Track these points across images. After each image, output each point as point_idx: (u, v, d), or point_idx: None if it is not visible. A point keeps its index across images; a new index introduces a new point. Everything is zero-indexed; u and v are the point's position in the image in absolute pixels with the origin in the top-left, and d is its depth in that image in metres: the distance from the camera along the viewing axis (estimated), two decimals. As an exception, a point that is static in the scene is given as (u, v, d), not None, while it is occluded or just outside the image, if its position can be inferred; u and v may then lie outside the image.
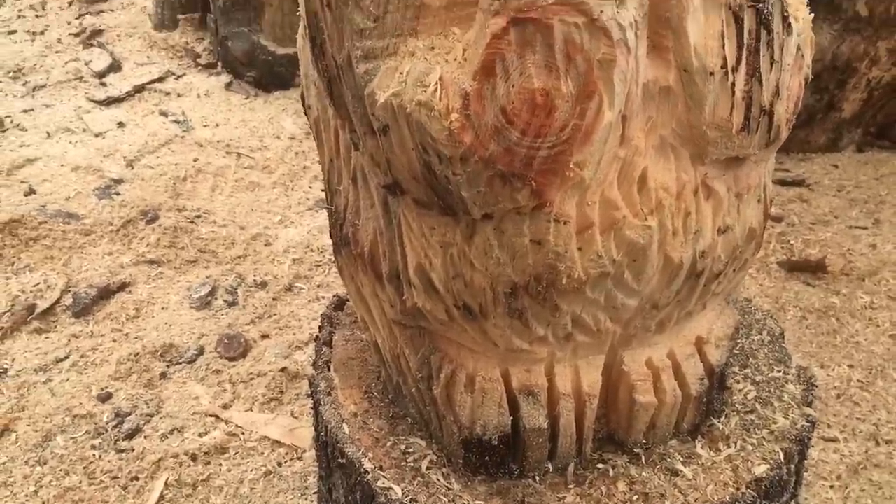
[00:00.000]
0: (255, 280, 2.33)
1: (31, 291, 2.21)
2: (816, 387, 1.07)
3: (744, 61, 0.74)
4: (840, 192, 2.89)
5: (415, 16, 0.75)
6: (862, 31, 2.91)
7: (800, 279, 2.41)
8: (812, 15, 0.85)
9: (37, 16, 4.36)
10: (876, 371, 2.06)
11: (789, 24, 0.76)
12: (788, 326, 2.20)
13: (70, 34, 4.12)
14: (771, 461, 0.97)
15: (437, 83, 0.72)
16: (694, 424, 1.01)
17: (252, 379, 1.93)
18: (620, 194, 0.79)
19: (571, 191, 0.76)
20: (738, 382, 1.09)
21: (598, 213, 0.78)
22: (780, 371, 1.11)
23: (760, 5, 0.72)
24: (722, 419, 1.04)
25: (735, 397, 1.07)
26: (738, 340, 1.14)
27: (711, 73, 0.73)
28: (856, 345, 2.14)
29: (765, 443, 1.00)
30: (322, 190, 2.64)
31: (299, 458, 1.72)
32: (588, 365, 0.95)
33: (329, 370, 1.16)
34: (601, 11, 0.67)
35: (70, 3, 4.39)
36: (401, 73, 0.74)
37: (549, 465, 0.99)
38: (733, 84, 0.74)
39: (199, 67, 3.82)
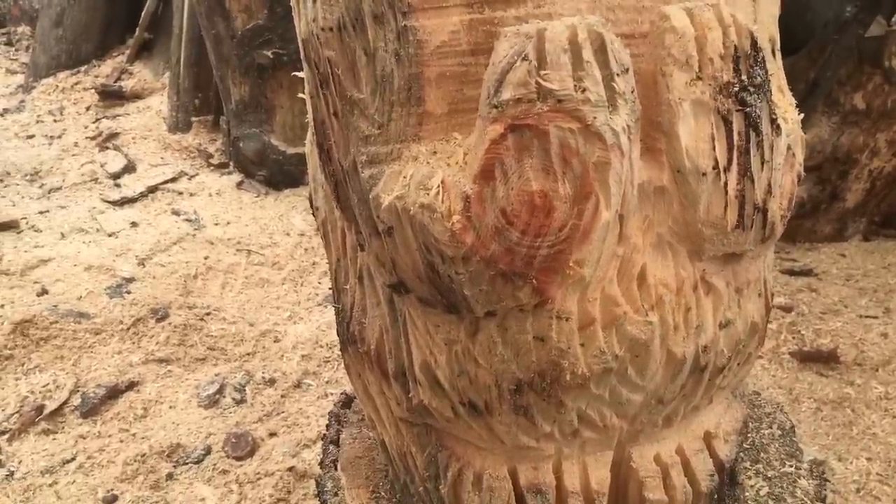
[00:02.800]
0: (263, 377, 2.33)
1: (40, 392, 2.21)
2: (829, 481, 1.05)
3: (735, 162, 0.76)
4: (849, 281, 2.90)
5: (418, 122, 0.78)
6: (860, 124, 2.98)
7: (813, 370, 2.39)
8: (802, 115, 0.88)
9: (55, 120, 4.50)
10: (895, 464, 2.02)
11: (778, 125, 0.79)
12: (803, 418, 2.17)
13: (87, 137, 4.25)
14: (786, 560, 0.95)
15: (439, 186, 0.75)
16: (706, 522, 1.00)
17: (259, 479, 1.90)
18: (620, 291, 0.80)
19: (572, 288, 0.78)
20: (750, 478, 1.08)
21: (600, 309, 0.80)
22: (791, 466, 1.09)
23: (748, 109, 0.75)
24: (734, 516, 1.02)
25: (747, 493, 1.05)
26: (749, 434, 1.14)
27: (704, 174, 0.76)
28: (873, 436, 2.11)
29: (779, 541, 0.98)
30: (330, 287, 2.68)
31: (307, 561, 1.68)
32: (596, 461, 0.94)
33: (336, 469, 1.16)
34: (595, 117, 0.70)
35: (88, 108, 4.54)
36: (404, 177, 0.77)
37: (559, 566, 0.97)
38: (726, 184, 0.77)
39: (212, 167, 3.91)
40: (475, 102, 0.76)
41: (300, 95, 1.01)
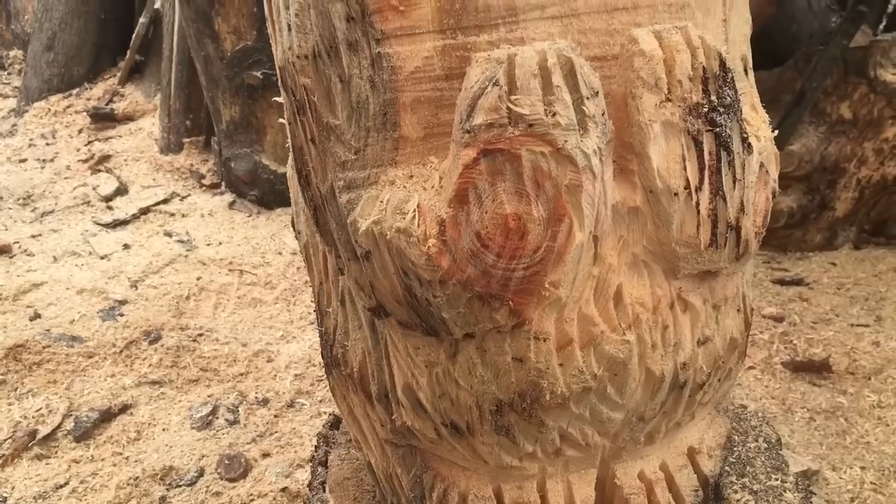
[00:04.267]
0: (256, 397, 2.33)
1: (32, 417, 2.20)
2: (815, 494, 1.06)
3: (706, 181, 0.77)
4: (840, 289, 2.91)
5: (394, 147, 0.79)
6: (847, 133, 3.00)
7: (805, 379, 2.40)
8: (776, 132, 0.89)
9: (47, 144, 4.51)
10: (889, 472, 2.02)
11: (749, 143, 0.80)
12: (797, 428, 2.17)
13: (79, 160, 4.26)
14: (772, 574, 0.95)
15: (415, 210, 0.75)
16: (692, 538, 1.00)
17: (252, 500, 1.90)
18: (597, 310, 0.81)
19: (549, 309, 0.78)
20: (736, 492, 1.08)
21: (577, 329, 0.80)
22: (777, 479, 1.10)
23: (718, 129, 0.76)
24: (720, 531, 1.02)
25: (733, 508, 1.06)
26: (735, 448, 1.14)
27: (676, 194, 0.76)
28: (866, 445, 2.11)
29: (765, 555, 0.98)
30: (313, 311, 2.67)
31: (300, 583, 1.68)
32: (580, 479, 0.95)
33: (324, 491, 1.16)
34: (565, 141, 0.70)
35: (80, 131, 4.55)
36: (381, 202, 0.78)
37: (546, 585, 0.97)
38: (698, 203, 0.77)
39: (204, 188, 3.92)
40: (450, 127, 0.77)
41: (281, 120, 1.02)
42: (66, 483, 1.97)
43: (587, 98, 0.71)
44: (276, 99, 1.03)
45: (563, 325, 0.79)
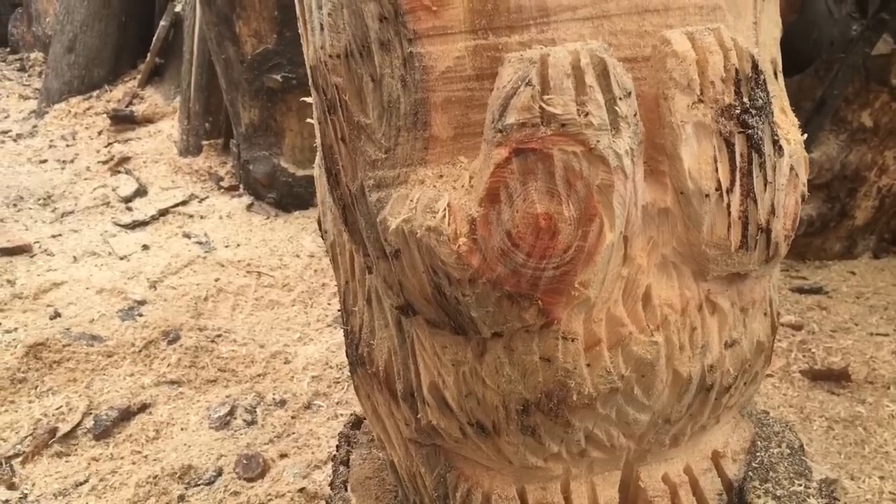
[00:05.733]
0: (274, 398, 2.34)
1: (53, 414, 2.22)
2: (839, 500, 1.05)
3: (738, 183, 0.77)
4: (859, 298, 2.89)
5: (424, 146, 0.80)
6: (868, 141, 2.98)
7: (824, 388, 2.38)
8: (807, 134, 0.89)
9: (67, 145, 4.55)
10: (908, 482, 2.00)
11: (780, 146, 0.80)
12: (815, 437, 2.16)
13: (99, 162, 4.29)
14: (796, 579, 0.94)
15: (445, 209, 0.76)
16: (715, 542, 0.99)
17: (270, 500, 1.91)
18: (626, 311, 0.81)
19: (577, 309, 0.78)
20: (759, 497, 1.07)
21: (605, 329, 0.80)
22: (801, 485, 1.09)
23: (750, 131, 0.76)
24: (744, 536, 1.02)
25: (756, 513, 1.05)
26: (757, 454, 1.13)
27: (707, 196, 0.76)
28: (885, 455, 2.09)
29: (789, 560, 0.98)
30: (338, 310, 2.68)
31: (317, 583, 1.68)
32: (604, 481, 0.95)
33: (346, 490, 1.16)
34: (598, 141, 0.71)
35: (100, 133, 4.59)
36: (411, 201, 0.78)
37: (569, 587, 0.97)
38: (729, 205, 0.78)
39: (222, 190, 3.94)
40: (480, 126, 0.77)
41: (308, 120, 1.02)
42: (86, 481, 1.98)
43: (620, 98, 0.71)
44: (305, 99, 1.03)
45: (591, 326, 0.80)
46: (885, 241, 3.22)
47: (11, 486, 1.97)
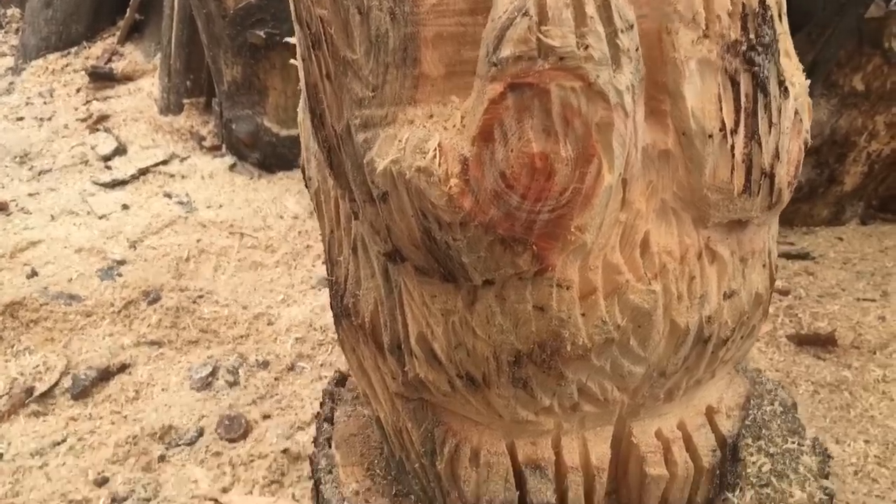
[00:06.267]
0: (256, 360, 2.30)
1: (30, 374, 2.18)
2: (832, 458, 1.03)
3: (742, 124, 0.74)
4: (846, 264, 2.88)
5: (413, 85, 0.75)
6: (859, 106, 2.95)
7: (810, 353, 2.38)
8: (809, 81, 0.86)
9: (45, 102, 4.45)
10: (893, 446, 2.00)
11: (786, 87, 0.76)
12: (801, 401, 2.15)
13: (77, 119, 4.19)
14: (789, 536, 0.93)
15: (435, 149, 0.72)
16: (707, 499, 0.98)
17: (253, 461, 1.88)
18: (623, 258, 0.78)
19: (573, 255, 0.75)
20: (752, 455, 1.06)
21: (601, 277, 0.77)
22: (794, 442, 1.08)
23: (756, 69, 0.72)
24: (736, 493, 1.00)
25: (749, 470, 1.03)
26: (750, 411, 1.12)
27: (710, 136, 0.73)
28: (871, 419, 2.09)
29: (782, 517, 0.96)
30: (324, 262, 2.64)
31: (300, 543, 1.66)
32: (596, 437, 0.92)
33: (330, 447, 1.14)
34: (598, 76, 0.67)
35: (78, 90, 4.49)
36: (400, 141, 0.74)
37: (559, 543, 0.95)
38: (733, 146, 0.74)
39: (204, 150, 3.86)
40: (473, 65, 0.73)
41: (292, 61, 0.98)
42: (64, 440, 1.95)
43: (621, 31, 0.67)
44: (289, 39, 0.98)
45: (587, 273, 0.76)
46: (872, 207, 3.21)
47: (-13, 446, 1.93)
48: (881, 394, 2.21)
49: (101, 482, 1.80)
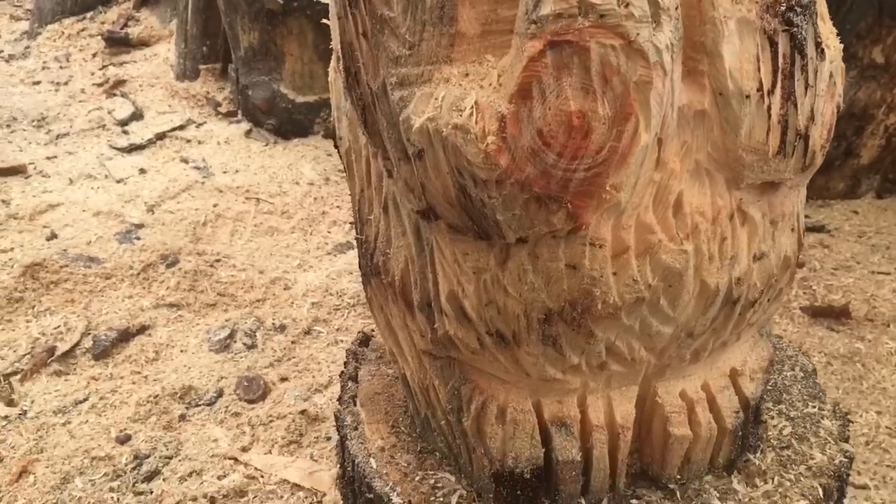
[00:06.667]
0: (273, 323, 2.33)
1: (51, 334, 2.21)
2: (852, 422, 1.05)
3: (779, 85, 0.74)
4: (861, 237, 2.88)
5: (450, 43, 0.76)
6: (878, 79, 2.93)
7: (823, 325, 2.38)
8: (842, 45, 0.86)
9: (61, 67, 4.45)
10: (904, 417, 2.02)
11: (822, 49, 0.76)
12: (813, 371, 2.17)
13: (94, 84, 4.20)
14: (810, 497, 0.94)
15: (472, 107, 0.72)
16: (730, 459, 0.99)
17: (271, 421, 1.91)
18: (656, 218, 0.78)
19: (607, 214, 0.76)
20: (773, 418, 1.07)
21: (634, 236, 0.78)
22: (815, 407, 1.09)
23: (794, 30, 0.73)
24: (758, 454, 1.01)
25: (770, 433, 1.05)
26: (772, 375, 1.13)
27: (747, 96, 0.73)
28: (882, 391, 2.11)
29: (803, 479, 0.97)
30: (352, 222, 2.67)
31: (319, 502, 1.69)
32: (621, 396, 0.93)
33: (355, 405, 1.15)
34: (638, 34, 0.67)
35: (94, 55, 4.49)
36: (436, 99, 0.75)
37: (582, 501, 0.96)
38: (769, 107, 0.74)
39: (220, 116, 3.87)
40: (510, 24, 0.73)
41: (325, 21, 0.98)
42: (86, 399, 1.98)
43: (662, -11, 0.68)
44: (325, 21, 0.98)
45: (619, 232, 0.77)
46: (889, 181, 3.20)
47: (11, 403, 1.96)
48: (894, 366, 2.22)
49: (124, 439, 1.83)
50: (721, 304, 0.85)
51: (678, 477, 0.98)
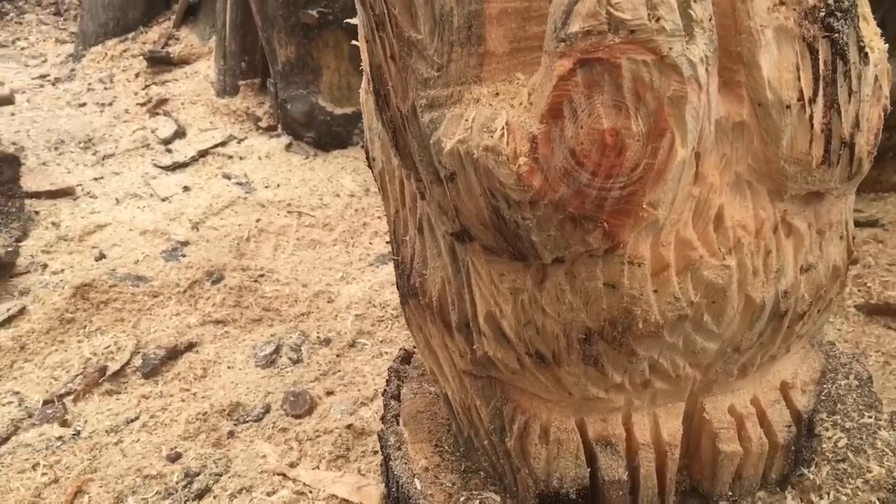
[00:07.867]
0: (318, 337, 2.34)
1: (102, 353, 2.24)
2: (912, 433, 1.01)
3: (821, 93, 0.71)
4: (916, 231, 2.79)
5: (479, 63, 0.75)
6: (929, 67, 2.84)
7: (880, 323, 2.31)
8: (886, 45, 0.83)
9: (105, 88, 4.54)
10: (968, 417, 1.94)
11: (865, 53, 0.73)
12: (871, 372, 2.10)
13: (137, 104, 4.28)
14: (868, 513, 0.91)
15: (503, 128, 0.71)
16: (783, 474, 0.96)
17: (318, 436, 1.91)
18: (696, 234, 0.76)
19: (645, 231, 0.74)
20: (828, 430, 1.04)
21: (674, 253, 0.76)
22: (871, 417, 1.05)
23: (835, 35, 0.70)
24: (812, 468, 0.98)
25: (825, 445, 1.01)
26: (825, 385, 1.09)
27: (788, 107, 0.71)
28: (944, 390, 2.04)
29: (860, 493, 0.94)
30: (388, 242, 2.66)
31: (367, 517, 1.69)
32: (667, 413, 0.91)
33: (398, 424, 1.15)
34: (670, 48, 0.65)
35: (137, 75, 4.57)
36: (466, 120, 0.74)
37: (631, 520, 0.95)
38: (811, 116, 0.72)
39: (260, 130, 3.91)
40: (539, 40, 0.72)
41: (354, 42, 0.98)
42: (137, 417, 2.01)
43: (694, 1, 0.66)
44: (350, 21, 0.98)
45: (659, 249, 0.75)
46: (943, 171, 3.10)
47: (65, 423, 2.00)
48: (955, 364, 2.14)
49: (174, 458, 1.85)
50: (768, 319, 0.82)
51: (730, 494, 0.95)
